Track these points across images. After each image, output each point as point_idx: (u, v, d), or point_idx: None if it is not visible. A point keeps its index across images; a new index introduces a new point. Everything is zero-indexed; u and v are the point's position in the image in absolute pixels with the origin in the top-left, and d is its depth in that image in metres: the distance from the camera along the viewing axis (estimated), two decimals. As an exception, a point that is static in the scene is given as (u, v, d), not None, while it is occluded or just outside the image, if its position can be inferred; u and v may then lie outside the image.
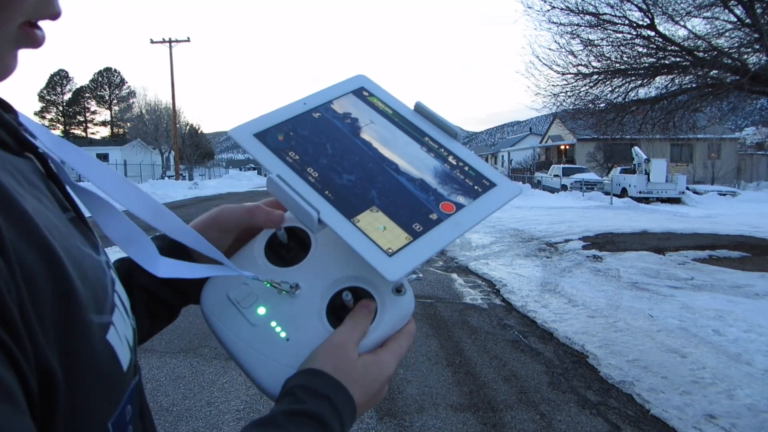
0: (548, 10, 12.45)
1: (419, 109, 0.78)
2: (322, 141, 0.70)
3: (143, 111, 50.32)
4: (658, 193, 24.34)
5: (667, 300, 6.41)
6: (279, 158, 0.67)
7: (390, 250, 0.59)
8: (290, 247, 0.70)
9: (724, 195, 26.12)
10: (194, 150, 51.21)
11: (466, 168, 0.71)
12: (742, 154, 42.34)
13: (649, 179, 24.58)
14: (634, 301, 6.41)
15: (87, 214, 0.54)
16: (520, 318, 5.92)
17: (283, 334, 0.63)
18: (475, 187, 0.68)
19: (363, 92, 0.79)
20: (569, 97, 13.66)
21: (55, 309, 0.38)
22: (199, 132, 58.74)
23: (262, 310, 0.65)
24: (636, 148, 26.17)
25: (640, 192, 24.26)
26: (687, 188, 25.34)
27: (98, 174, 0.56)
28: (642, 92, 13.45)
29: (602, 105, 13.53)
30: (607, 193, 24.03)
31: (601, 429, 3.43)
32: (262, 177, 56.33)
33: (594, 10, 12.05)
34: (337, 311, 0.64)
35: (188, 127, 54.01)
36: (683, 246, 10.41)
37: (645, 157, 25.13)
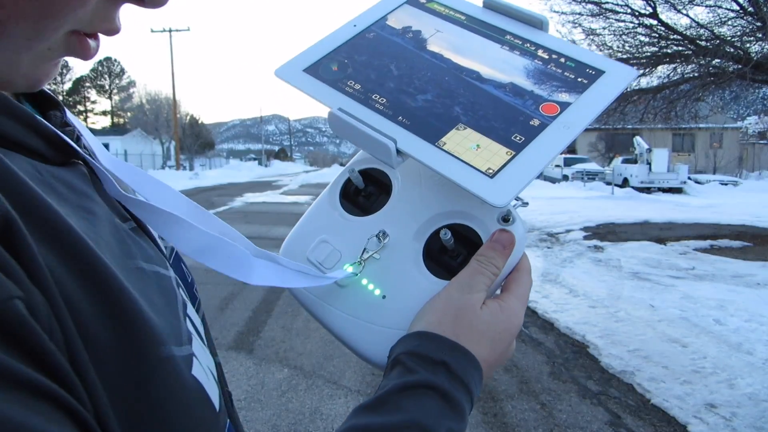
0: (550, -1, 12.39)
1: (490, 4, 0.64)
2: (384, 62, 0.60)
3: (143, 101, 50.24)
4: (660, 183, 24.28)
5: (668, 290, 6.41)
6: (337, 90, 0.57)
7: (490, 171, 0.49)
8: (369, 192, 0.61)
9: (726, 185, 26.05)
10: (195, 140, 51.14)
11: (563, 60, 0.58)
12: (744, 144, 42.23)
13: (650, 169, 24.52)
14: (635, 291, 6.41)
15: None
16: (521, 308, 5.91)
17: (377, 292, 0.55)
18: (579, 80, 0.55)
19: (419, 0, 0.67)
20: (571, 86, 13.59)
21: (118, 350, 0.32)
22: (200, 122, 58.67)
23: (349, 269, 0.56)
24: (638, 137, 26.09)
25: (642, 182, 24.20)
26: (689, 178, 25.27)
27: (137, 179, 0.50)
28: (644, 81, 13.40)
29: (604, 94, 13.46)
30: (608, 183, 23.98)
31: (602, 418, 3.44)
32: (262, 167, 56.33)
33: (596, -1, 11.99)
34: (435, 256, 0.55)
35: (189, 117, 53.95)
36: (684, 236, 10.40)
37: (647, 146, 25.06)
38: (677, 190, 24.02)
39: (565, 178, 28.39)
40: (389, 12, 0.66)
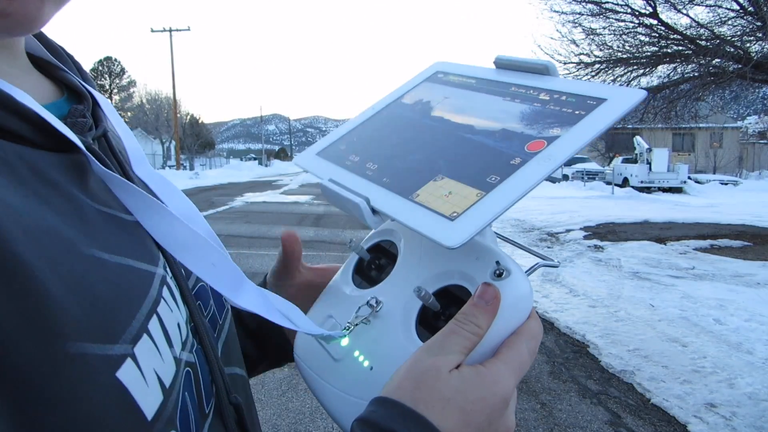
0: (550, -1, 12.39)
1: (500, 62, 0.65)
2: (387, 134, 0.62)
3: (144, 100, 50.26)
4: (660, 182, 24.28)
5: (668, 289, 6.41)
6: (338, 165, 0.60)
7: (454, 214, 0.47)
8: (380, 264, 0.60)
9: (726, 184, 26.06)
10: (195, 140, 51.15)
11: (564, 98, 0.55)
12: (744, 143, 42.22)
13: (650, 169, 24.52)
14: (635, 290, 6.41)
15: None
16: (521, 308, 5.92)
17: (366, 363, 0.52)
18: (576, 112, 0.53)
19: (438, 75, 0.69)
20: (571, 86, 13.60)
21: (17, 341, 0.29)
22: (200, 122, 58.66)
23: (345, 341, 0.55)
24: (638, 137, 26.09)
25: (642, 182, 24.20)
26: (689, 178, 25.27)
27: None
28: (644, 81, 13.41)
29: (604, 94, 13.47)
30: (608, 183, 23.98)
31: (602, 418, 3.45)
32: (262, 167, 56.31)
33: (596, -1, 12.00)
34: (431, 322, 0.51)
35: (189, 116, 53.94)
36: (684, 235, 10.41)
37: (647, 146, 25.06)
38: (677, 190, 24.02)
39: (565, 177, 28.38)
40: (407, 91, 0.68)
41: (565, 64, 13.33)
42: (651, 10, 11.74)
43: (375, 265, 0.61)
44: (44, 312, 0.31)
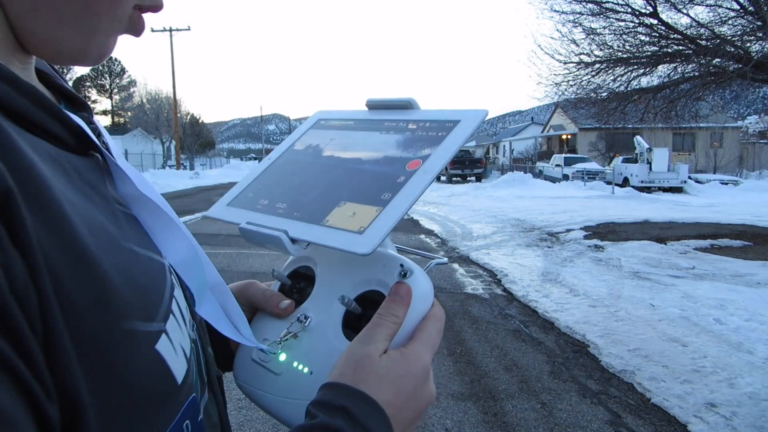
0: (550, -2, 12.39)
1: (371, 104, 0.77)
2: (288, 178, 0.72)
3: (144, 100, 50.25)
4: (660, 182, 24.28)
5: (669, 289, 6.41)
6: (251, 210, 0.69)
7: (361, 228, 0.57)
8: (300, 287, 0.69)
9: (726, 184, 26.04)
10: (195, 139, 51.16)
11: (427, 124, 0.68)
12: (745, 143, 42.20)
13: (651, 168, 24.51)
14: (636, 290, 6.42)
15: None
16: (521, 308, 5.93)
17: (306, 370, 0.61)
18: (439, 134, 0.65)
19: (321, 122, 0.81)
20: (571, 86, 13.63)
21: (89, 318, 0.35)
22: (200, 121, 58.66)
23: (282, 357, 0.63)
24: (638, 137, 26.08)
25: (642, 181, 24.20)
26: (689, 177, 25.26)
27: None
28: (644, 81, 13.42)
29: (604, 94, 13.49)
30: (608, 183, 23.98)
31: (602, 418, 3.45)
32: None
33: (596, -2, 12.00)
34: (354, 324, 0.61)
35: (189, 116, 53.95)
36: (685, 235, 10.41)
37: (647, 146, 25.05)
38: (677, 190, 24.02)
39: (566, 177, 28.38)
40: (296, 139, 0.79)
41: (565, 63, 13.34)
42: (651, 9, 11.74)
43: (296, 288, 0.70)
44: (107, 295, 0.37)
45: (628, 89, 13.26)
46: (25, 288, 0.31)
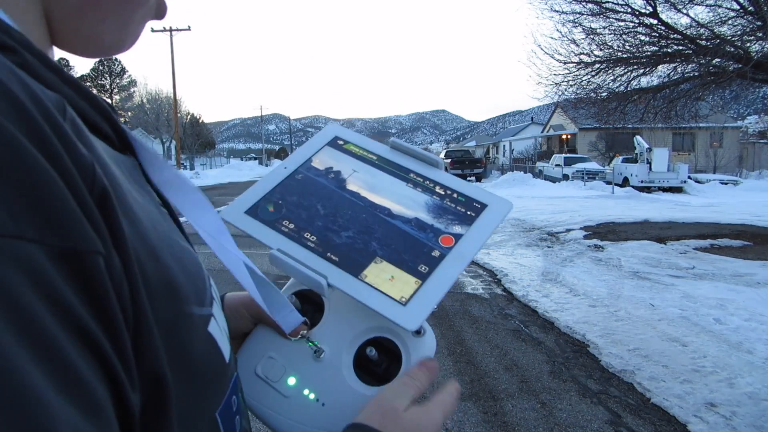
0: (550, -2, 12.38)
1: (396, 146, 0.78)
2: (312, 203, 0.71)
3: (144, 100, 50.26)
4: (660, 182, 24.27)
5: (669, 289, 6.42)
6: (275, 230, 0.68)
7: (403, 299, 0.60)
8: (305, 309, 0.70)
9: (726, 184, 26.03)
10: (195, 139, 51.20)
11: (455, 195, 0.71)
12: (745, 143, 42.21)
13: (650, 168, 24.50)
14: (636, 290, 6.42)
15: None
16: (521, 307, 5.93)
17: (318, 400, 0.63)
18: (468, 213, 0.69)
19: (338, 141, 0.80)
20: (571, 86, 13.62)
21: (165, 305, 0.38)
22: (200, 121, 58.66)
23: (292, 381, 0.65)
24: (638, 137, 26.07)
25: (642, 181, 24.19)
26: (689, 177, 25.25)
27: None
28: (644, 81, 13.41)
29: (604, 94, 13.49)
30: (608, 183, 23.98)
31: (602, 417, 3.45)
32: (263, 167, 56.33)
33: (596, -2, 11.99)
34: (364, 364, 0.64)
35: (189, 116, 53.95)
36: (685, 235, 10.41)
37: (647, 146, 25.05)
38: (677, 190, 24.01)
39: (566, 177, 28.37)
40: (313, 154, 0.78)
41: (565, 63, 13.34)
42: (651, 9, 11.74)
43: (302, 310, 0.70)
44: (172, 283, 0.40)
45: (628, 89, 13.26)
46: (121, 283, 0.33)
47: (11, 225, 0.28)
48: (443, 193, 0.71)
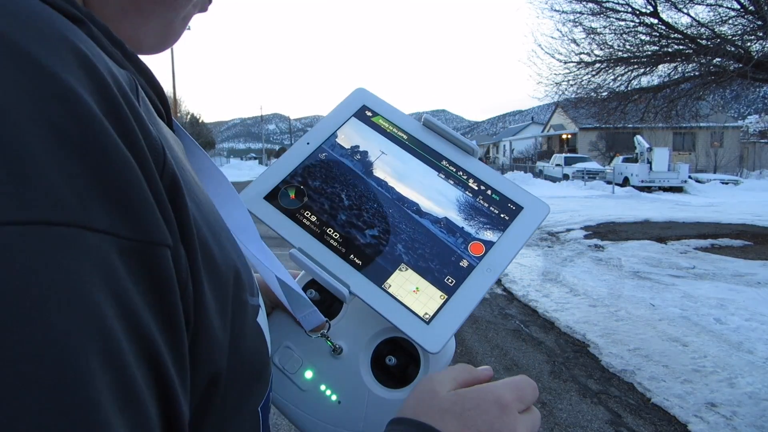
0: (550, -2, 12.38)
1: (428, 123, 0.72)
2: (336, 190, 0.66)
3: (144, 100, 50.09)
4: (661, 182, 24.27)
5: (669, 289, 6.41)
6: (296, 223, 0.64)
7: (426, 316, 0.57)
8: (323, 299, 0.68)
9: (727, 183, 26.02)
10: (195, 139, 50.97)
11: (489, 191, 0.66)
12: (745, 143, 42.19)
13: (651, 168, 24.50)
14: (636, 290, 6.41)
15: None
16: (521, 307, 5.93)
17: (334, 398, 0.62)
18: (502, 216, 0.63)
19: (366, 112, 0.73)
20: (571, 85, 13.63)
21: (230, 292, 0.38)
22: (201, 121, 58.65)
23: (309, 374, 0.64)
24: (638, 137, 26.07)
25: (643, 181, 24.19)
26: (689, 177, 25.25)
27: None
28: (644, 80, 13.42)
29: (604, 93, 13.50)
30: (609, 182, 23.98)
31: (603, 417, 3.44)
32: (263, 166, 56.31)
33: (596, -2, 11.99)
34: (381, 365, 0.63)
35: (189, 116, 53.93)
36: (685, 235, 10.40)
37: (647, 146, 25.04)
38: (678, 189, 24.01)
39: (566, 177, 28.37)
40: (339, 127, 0.71)
41: (565, 63, 13.34)
42: (651, 9, 11.74)
43: (320, 300, 0.68)
44: (236, 269, 0.40)
45: (629, 89, 13.26)
46: (186, 279, 0.32)
47: (80, 211, 0.25)
48: (477, 188, 0.66)
